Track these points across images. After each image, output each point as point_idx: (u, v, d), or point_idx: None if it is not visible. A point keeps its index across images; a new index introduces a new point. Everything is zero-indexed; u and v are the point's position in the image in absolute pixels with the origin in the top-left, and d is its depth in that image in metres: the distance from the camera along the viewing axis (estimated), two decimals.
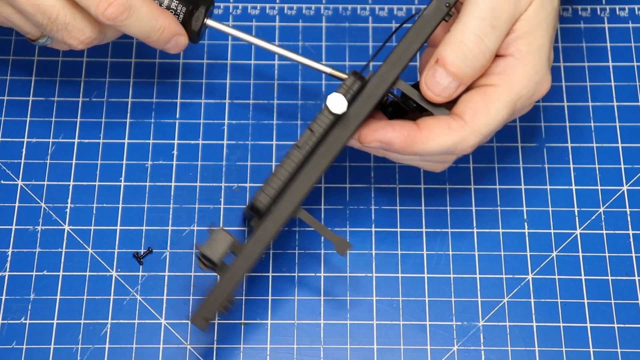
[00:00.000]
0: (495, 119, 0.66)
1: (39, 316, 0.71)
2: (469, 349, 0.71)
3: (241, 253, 0.64)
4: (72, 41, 0.68)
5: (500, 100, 0.66)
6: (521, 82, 0.67)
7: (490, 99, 0.66)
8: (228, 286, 0.64)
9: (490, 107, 0.66)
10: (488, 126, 0.66)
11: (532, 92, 0.67)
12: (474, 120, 0.66)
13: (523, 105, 0.68)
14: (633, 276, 0.73)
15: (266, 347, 0.71)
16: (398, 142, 0.66)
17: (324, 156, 0.64)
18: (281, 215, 0.63)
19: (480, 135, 0.66)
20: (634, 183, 0.76)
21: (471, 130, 0.66)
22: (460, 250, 0.74)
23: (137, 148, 0.77)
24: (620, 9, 0.83)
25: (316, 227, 0.65)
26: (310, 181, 0.64)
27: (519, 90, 0.67)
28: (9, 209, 0.75)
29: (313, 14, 0.83)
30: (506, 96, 0.66)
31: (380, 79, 0.65)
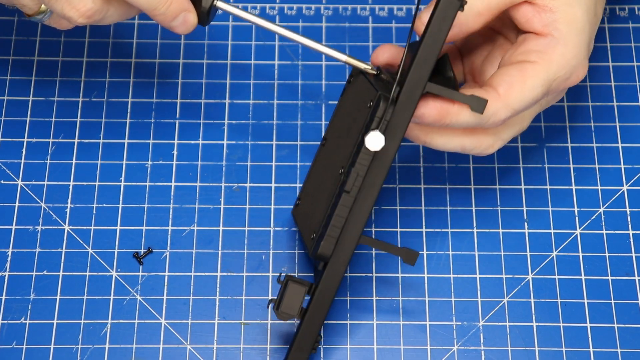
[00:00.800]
0: (529, 96, 0.65)
1: (39, 316, 0.71)
2: (469, 349, 0.71)
3: (317, 295, 0.65)
4: (72, 13, 0.64)
5: (537, 77, 0.65)
6: (559, 62, 0.65)
7: (527, 74, 0.65)
8: (313, 330, 0.66)
9: (527, 83, 0.65)
10: (522, 102, 0.65)
11: (569, 75, 0.66)
12: (509, 93, 0.65)
13: (557, 87, 0.66)
14: (633, 276, 0.73)
15: (266, 347, 0.71)
16: (431, 114, 0.64)
17: (370, 192, 0.65)
18: (347, 254, 0.65)
19: (512, 110, 0.65)
20: (634, 183, 0.76)
21: (504, 104, 0.65)
22: (460, 250, 0.74)
23: (137, 148, 0.77)
24: (620, 9, 0.83)
25: (381, 248, 0.66)
26: (364, 217, 0.65)
27: (556, 70, 0.65)
28: (9, 209, 0.75)
29: (313, 14, 0.83)
30: (543, 74, 0.65)
31: (409, 95, 0.63)
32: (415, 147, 0.77)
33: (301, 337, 0.66)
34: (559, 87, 0.67)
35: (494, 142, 0.68)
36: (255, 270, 0.73)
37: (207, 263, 0.73)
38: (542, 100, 0.68)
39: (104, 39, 0.81)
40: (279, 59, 0.81)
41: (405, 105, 0.63)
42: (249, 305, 0.72)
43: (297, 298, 0.65)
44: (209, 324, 0.71)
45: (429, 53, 0.62)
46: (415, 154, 0.77)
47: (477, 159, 0.77)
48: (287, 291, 0.65)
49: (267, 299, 0.72)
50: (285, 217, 0.75)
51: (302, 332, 0.66)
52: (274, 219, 0.75)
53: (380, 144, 0.63)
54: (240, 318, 0.72)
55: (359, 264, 0.73)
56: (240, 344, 0.71)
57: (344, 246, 0.65)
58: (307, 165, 0.77)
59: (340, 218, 0.64)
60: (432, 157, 0.77)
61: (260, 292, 0.72)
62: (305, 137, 0.78)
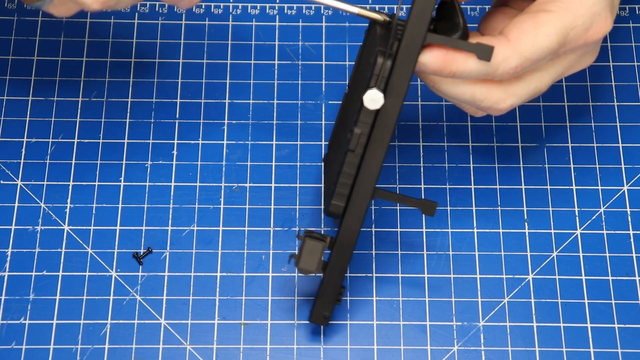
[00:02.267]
0: (542, 44, 0.61)
1: (38, 316, 0.71)
2: (469, 349, 0.71)
3: (335, 248, 0.66)
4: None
5: (552, 24, 0.61)
6: (577, 10, 0.62)
7: (540, 21, 0.61)
8: (336, 281, 0.66)
9: (540, 29, 0.61)
10: (533, 48, 0.61)
11: (589, 24, 0.62)
12: (520, 39, 0.61)
13: (577, 39, 0.62)
14: (633, 276, 0.73)
15: (266, 347, 0.71)
16: (434, 63, 0.60)
17: (378, 148, 0.63)
18: (361, 210, 0.64)
19: (523, 57, 0.61)
20: (635, 183, 0.76)
21: (514, 49, 0.61)
22: (460, 250, 0.74)
23: (137, 148, 0.77)
24: (620, 8, 0.83)
25: (398, 200, 0.65)
26: (374, 173, 0.64)
27: (573, 19, 0.62)
28: (9, 209, 0.75)
29: (313, 14, 0.83)
30: (558, 22, 0.61)
31: (408, 48, 0.59)
32: (416, 146, 0.77)
33: (324, 289, 0.67)
34: (579, 40, 0.62)
35: (506, 96, 0.63)
36: (255, 270, 0.73)
37: (207, 263, 0.73)
38: (563, 58, 0.64)
39: (104, 39, 0.81)
40: (279, 59, 0.81)
41: (405, 59, 0.60)
42: (249, 305, 0.72)
43: (316, 253, 0.66)
44: (209, 324, 0.71)
45: (426, 0, 0.59)
46: (415, 153, 0.77)
47: (478, 159, 0.77)
48: (305, 247, 0.65)
49: (267, 299, 0.72)
50: (285, 217, 0.75)
51: (324, 284, 0.67)
52: (274, 219, 0.75)
53: (378, 102, 0.60)
54: (240, 318, 0.72)
55: (359, 264, 0.73)
56: (240, 344, 0.71)
57: (356, 202, 0.64)
58: (307, 165, 0.77)
59: (348, 176, 0.63)
60: (432, 157, 0.77)
61: (260, 292, 0.72)
62: (305, 137, 0.78)
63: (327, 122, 0.78)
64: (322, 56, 0.81)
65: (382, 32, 0.63)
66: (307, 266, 0.66)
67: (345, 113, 0.69)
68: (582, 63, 0.66)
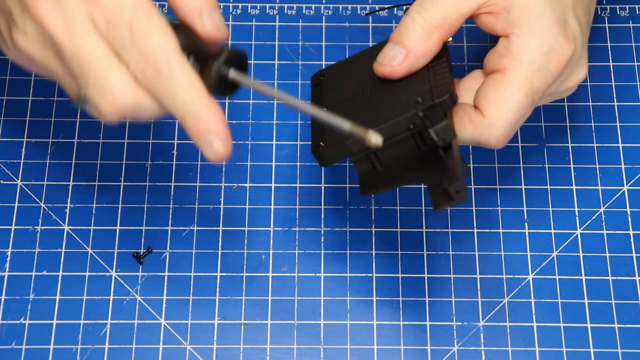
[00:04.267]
0: (512, 107, 0.63)
1: (38, 316, 0.71)
2: (469, 349, 0.71)
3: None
4: (101, 102, 0.56)
5: (512, 84, 0.63)
6: (527, 57, 0.63)
7: (501, 87, 0.63)
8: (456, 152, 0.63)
9: (504, 96, 0.63)
10: (508, 115, 0.63)
11: (546, 64, 0.63)
12: (490, 112, 0.63)
13: (542, 80, 0.64)
14: (633, 276, 0.73)
15: (266, 347, 0.71)
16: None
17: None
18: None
19: (501, 127, 0.63)
20: (635, 183, 0.76)
21: (489, 124, 0.63)
22: (460, 250, 0.74)
23: (137, 148, 0.77)
24: (620, 8, 0.83)
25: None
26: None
27: (528, 68, 0.63)
28: (9, 209, 0.75)
29: (313, 14, 0.83)
30: (516, 78, 0.63)
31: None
32: None
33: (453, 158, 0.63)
34: (547, 80, 0.64)
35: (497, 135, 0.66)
36: (255, 270, 0.73)
37: (207, 263, 0.73)
38: (546, 97, 0.66)
39: None
40: (279, 59, 0.81)
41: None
42: (249, 305, 0.72)
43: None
44: (208, 324, 0.71)
45: None
46: None
47: (478, 159, 0.77)
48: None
49: (267, 299, 0.72)
50: (285, 217, 0.75)
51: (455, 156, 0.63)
52: (274, 219, 0.75)
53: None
54: (240, 318, 0.72)
55: (359, 264, 0.73)
56: (240, 344, 0.71)
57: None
58: (307, 165, 0.77)
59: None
60: None
61: (260, 292, 0.72)
62: (305, 137, 0.78)
63: None
64: (322, 56, 0.81)
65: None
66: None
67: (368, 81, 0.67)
68: (572, 80, 0.67)
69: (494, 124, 0.64)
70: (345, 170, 0.77)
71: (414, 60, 0.65)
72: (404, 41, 0.65)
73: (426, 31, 0.65)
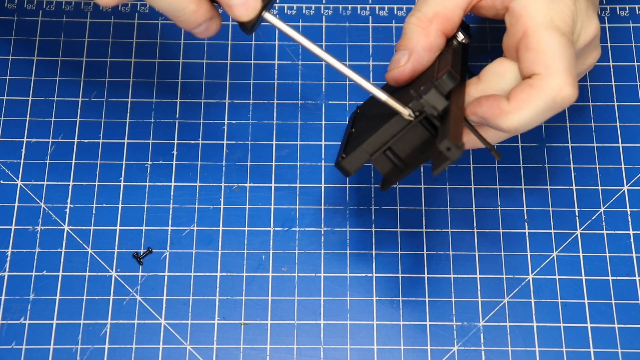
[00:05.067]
0: (555, 48, 0.62)
1: (38, 316, 0.71)
2: (469, 349, 0.71)
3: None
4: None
5: (539, 34, 0.62)
6: (535, 7, 0.63)
7: (533, 45, 0.63)
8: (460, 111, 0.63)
9: (542, 47, 0.62)
10: (557, 58, 0.62)
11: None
12: (542, 67, 0.62)
13: (562, 16, 0.63)
14: (633, 276, 0.73)
15: (266, 347, 0.71)
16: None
17: None
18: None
19: (559, 73, 0.62)
20: (635, 183, 0.76)
21: (547, 78, 0.62)
22: (460, 250, 0.74)
23: (137, 148, 0.77)
24: (620, 8, 0.83)
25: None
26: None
27: (542, 12, 0.63)
28: (9, 209, 0.75)
29: (313, 14, 0.83)
30: (539, 27, 0.63)
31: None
32: None
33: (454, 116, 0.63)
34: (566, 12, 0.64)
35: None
36: (255, 270, 0.73)
37: (207, 263, 0.73)
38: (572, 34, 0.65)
39: (104, 38, 0.81)
40: (279, 59, 0.81)
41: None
42: (249, 305, 0.72)
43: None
44: (208, 324, 0.71)
45: None
46: None
47: (478, 159, 0.77)
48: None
49: (267, 299, 0.72)
50: (285, 217, 0.75)
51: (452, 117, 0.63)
52: (274, 219, 0.75)
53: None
54: (240, 318, 0.72)
55: (359, 264, 0.73)
56: (240, 344, 0.71)
57: None
58: (307, 165, 0.77)
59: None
60: None
61: (260, 292, 0.72)
62: (305, 137, 0.78)
63: (327, 122, 0.78)
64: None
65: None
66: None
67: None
68: (586, 34, 0.66)
69: (558, 75, 0.62)
70: None
71: (417, 57, 0.66)
72: (404, 44, 0.66)
73: (422, 27, 0.66)
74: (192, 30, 0.64)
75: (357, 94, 0.79)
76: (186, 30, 0.65)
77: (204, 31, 0.64)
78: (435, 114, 0.62)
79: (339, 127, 0.78)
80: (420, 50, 0.66)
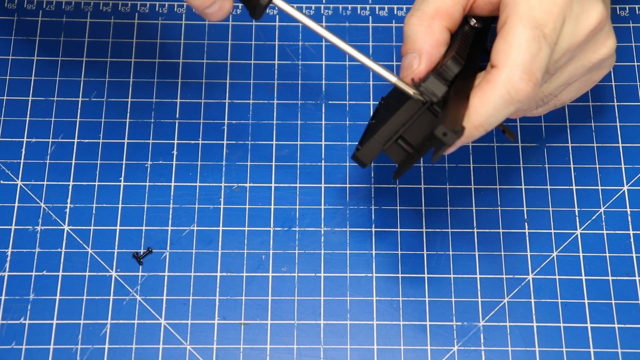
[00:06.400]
0: (521, 42, 0.61)
1: (38, 316, 0.71)
2: (469, 349, 0.71)
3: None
4: None
5: (514, 24, 0.62)
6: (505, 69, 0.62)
7: (506, 32, 0.62)
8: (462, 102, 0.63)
9: (509, 38, 0.62)
10: (519, 52, 0.61)
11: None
12: (502, 59, 0.62)
13: (545, 12, 0.62)
14: (633, 276, 0.73)
15: (266, 347, 0.71)
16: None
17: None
18: None
19: (518, 67, 0.61)
20: (635, 183, 0.76)
21: (507, 71, 0.61)
22: (460, 250, 0.74)
23: (137, 148, 0.77)
24: (620, 8, 0.83)
25: None
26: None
27: (525, 4, 0.62)
28: (9, 209, 0.75)
29: (313, 14, 0.83)
30: (517, 16, 0.62)
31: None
32: None
33: (456, 105, 0.63)
34: (551, 9, 0.62)
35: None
36: (255, 270, 0.73)
37: (207, 263, 0.73)
38: (554, 32, 0.63)
39: (104, 38, 0.81)
40: (279, 58, 0.81)
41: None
42: (249, 305, 0.72)
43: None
44: (208, 324, 0.71)
45: None
46: None
47: (478, 159, 0.77)
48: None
49: (267, 299, 0.72)
50: (285, 217, 0.75)
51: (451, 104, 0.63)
52: (274, 219, 0.75)
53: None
54: (240, 318, 0.72)
55: (359, 264, 0.73)
56: (240, 344, 0.71)
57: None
58: (307, 165, 0.77)
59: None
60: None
61: (260, 292, 0.72)
62: (305, 137, 0.78)
63: (327, 122, 0.78)
64: (322, 56, 0.81)
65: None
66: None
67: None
68: (586, 24, 0.65)
69: (511, 68, 0.61)
70: (346, 170, 0.77)
71: (429, 56, 0.65)
72: (411, 47, 0.65)
73: (425, 26, 0.65)
74: (204, 10, 0.63)
75: (357, 94, 0.79)
76: (198, 11, 0.63)
77: (217, 11, 0.63)
78: (436, 100, 0.62)
79: (339, 127, 0.78)
80: (429, 48, 0.65)
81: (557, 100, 0.70)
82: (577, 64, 0.67)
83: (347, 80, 0.80)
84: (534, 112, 0.70)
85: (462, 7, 0.67)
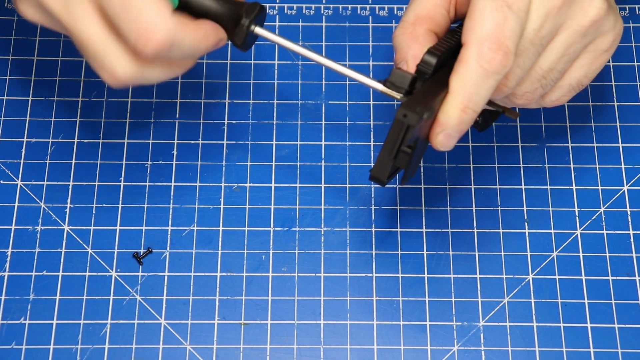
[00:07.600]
0: (483, 15, 0.61)
1: (38, 316, 0.71)
2: (469, 349, 0.71)
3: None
4: (103, 75, 0.61)
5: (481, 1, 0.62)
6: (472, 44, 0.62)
7: (470, 8, 0.62)
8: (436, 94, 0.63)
9: (472, 13, 0.61)
10: (482, 24, 0.61)
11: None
12: (468, 35, 0.61)
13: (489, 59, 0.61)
14: (633, 276, 0.73)
15: (266, 347, 0.71)
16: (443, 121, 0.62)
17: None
18: None
19: (482, 40, 0.60)
20: (635, 183, 0.76)
21: (475, 45, 0.61)
22: (460, 250, 0.74)
23: (137, 148, 0.77)
24: (620, 8, 0.83)
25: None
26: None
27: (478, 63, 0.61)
28: (9, 209, 0.75)
29: (313, 13, 0.83)
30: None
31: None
32: None
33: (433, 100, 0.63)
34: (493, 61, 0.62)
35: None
36: (255, 270, 0.73)
37: (207, 263, 0.73)
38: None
39: None
40: (279, 59, 0.81)
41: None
42: (249, 305, 0.72)
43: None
44: (208, 324, 0.71)
45: None
46: None
47: (478, 159, 0.77)
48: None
49: (267, 299, 0.72)
50: (285, 217, 0.75)
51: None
52: (274, 219, 0.75)
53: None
54: (240, 318, 0.72)
55: (359, 264, 0.73)
56: (240, 344, 0.71)
57: None
58: (307, 165, 0.77)
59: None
60: (432, 157, 0.77)
61: (260, 292, 0.72)
62: (305, 136, 0.78)
63: (327, 122, 0.78)
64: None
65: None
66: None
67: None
68: (599, 59, 0.66)
69: (478, 42, 0.61)
70: (345, 170, 0.77)
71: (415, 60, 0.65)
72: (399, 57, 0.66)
73: (408, 33, 0.66)
74: (212, 50, 0.65)
75: (357, 94, 0.79)
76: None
77: (216, 48, 0.65)
78: (403, 92, 0.63)
79: (339, 127, 0.78)
80: (414, 52, 0.65)
81: (571, 79, 0.67)
82: (568, 30, 0.64)
83: (347, 81, 0.80)
84: (551, 98, 0.68)
85: (444, 9, 0.67)
